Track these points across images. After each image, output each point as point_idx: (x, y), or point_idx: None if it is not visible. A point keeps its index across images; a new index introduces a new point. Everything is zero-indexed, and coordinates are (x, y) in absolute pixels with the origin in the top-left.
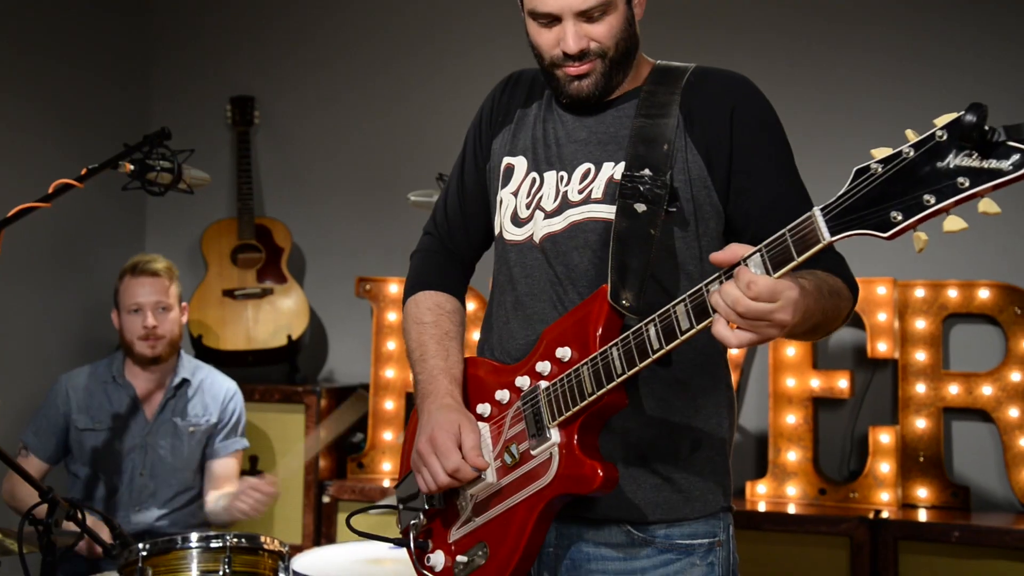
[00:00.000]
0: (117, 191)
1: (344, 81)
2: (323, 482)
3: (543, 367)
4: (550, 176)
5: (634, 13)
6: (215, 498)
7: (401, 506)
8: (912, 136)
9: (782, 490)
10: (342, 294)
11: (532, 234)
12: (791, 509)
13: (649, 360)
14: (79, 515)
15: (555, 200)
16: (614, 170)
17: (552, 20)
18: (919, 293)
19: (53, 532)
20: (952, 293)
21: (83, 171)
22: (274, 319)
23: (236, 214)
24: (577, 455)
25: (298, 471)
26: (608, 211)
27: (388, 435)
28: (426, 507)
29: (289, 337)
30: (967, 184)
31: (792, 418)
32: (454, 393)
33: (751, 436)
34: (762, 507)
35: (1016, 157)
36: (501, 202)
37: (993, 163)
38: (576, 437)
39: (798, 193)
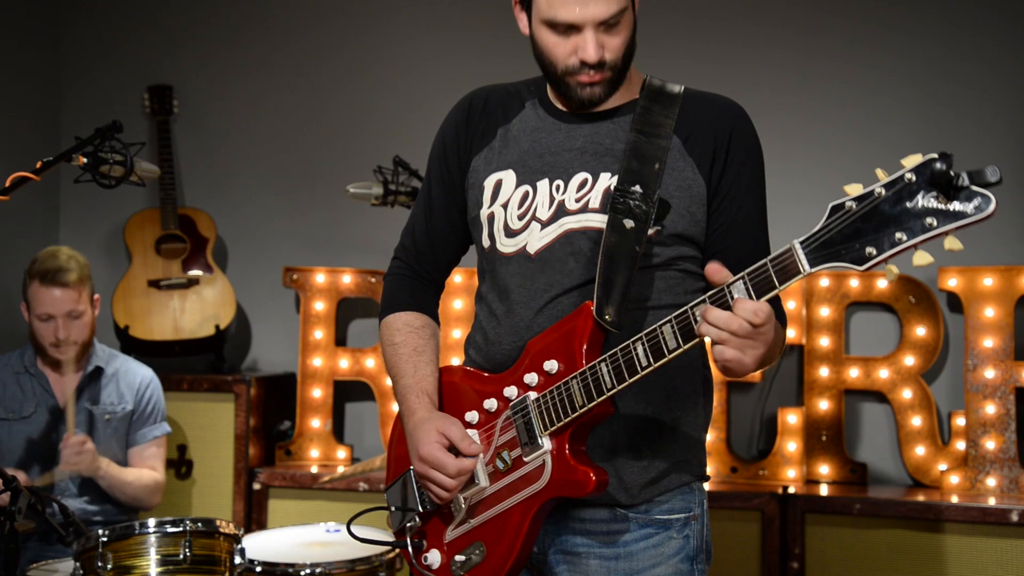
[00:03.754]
0: (30, 181)
1: (267, 71)
2: (253, 469)
3: (531, 378)
4: (542, 185)
5: (635, 19)
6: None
7: (394, 508)
8: (882, 176)
9: None
10: (265, 283)
11: (526, 244)
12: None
13: (638, 376)
14: (40, 505)
15: (550, 208)
16: (610, 181)
17: (570, 29)
18: (824, 283)
19: (16, 520)
20: (854, 283)
21: (38, 164)
22: (201, 309)
23: (155, 204)
24: (570, 462)
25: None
26: (603, 221)
27: (316, 422)
28: (420, 509)
29: (217, 327)
30: (935, 224)
31: None
32: (425, 404)
33: None
34: None
35: (978, 201)
36: (492, 216)
37: (957, 206)
38: (567, 445)
39: (759, 216)
